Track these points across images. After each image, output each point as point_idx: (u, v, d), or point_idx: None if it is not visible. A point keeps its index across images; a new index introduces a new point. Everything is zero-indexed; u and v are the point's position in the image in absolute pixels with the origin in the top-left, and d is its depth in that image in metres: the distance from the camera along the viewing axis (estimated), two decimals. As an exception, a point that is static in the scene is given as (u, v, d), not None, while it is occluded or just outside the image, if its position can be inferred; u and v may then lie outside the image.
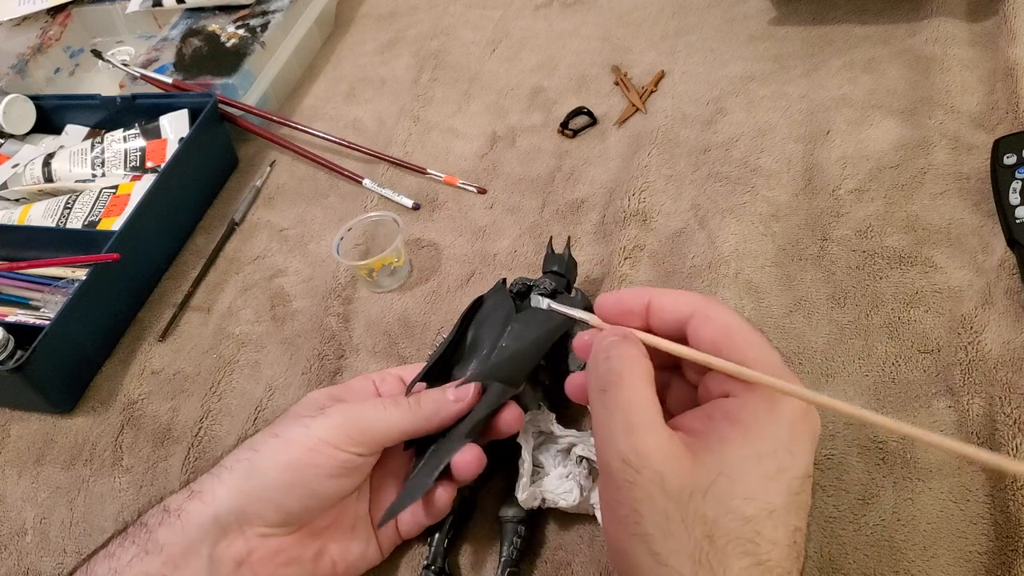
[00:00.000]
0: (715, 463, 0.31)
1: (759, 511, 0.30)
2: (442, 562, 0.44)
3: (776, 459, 0.31)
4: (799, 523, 0.31)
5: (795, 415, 0.32)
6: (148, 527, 0.39)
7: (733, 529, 0.30)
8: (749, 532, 0.30)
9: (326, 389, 0.45)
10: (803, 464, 0.32)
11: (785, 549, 0.30)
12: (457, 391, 0.42)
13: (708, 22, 0.76)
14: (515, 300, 0.49)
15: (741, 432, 0.31)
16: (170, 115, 0.73)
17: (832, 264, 0.54)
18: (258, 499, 0.38)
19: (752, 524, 0.30)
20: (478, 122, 0.74)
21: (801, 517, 0.31)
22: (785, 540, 0.30)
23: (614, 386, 0.33)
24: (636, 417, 0.32)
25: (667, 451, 0.31)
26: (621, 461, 0.32)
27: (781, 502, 0.31)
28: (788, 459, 0.31)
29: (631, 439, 0.32)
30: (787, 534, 0.30)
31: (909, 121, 0.61)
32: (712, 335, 0.34)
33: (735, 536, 0.30)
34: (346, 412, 0.41)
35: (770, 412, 0.32)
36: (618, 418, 0.33)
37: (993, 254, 0.51)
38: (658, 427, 0.32)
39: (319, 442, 0.39)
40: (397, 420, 0.41)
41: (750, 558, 0.30)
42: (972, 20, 0.67)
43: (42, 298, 0.63)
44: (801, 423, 0.32)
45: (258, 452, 0.40)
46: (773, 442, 0.31)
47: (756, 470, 0.31)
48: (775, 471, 0.31)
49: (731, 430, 0.32)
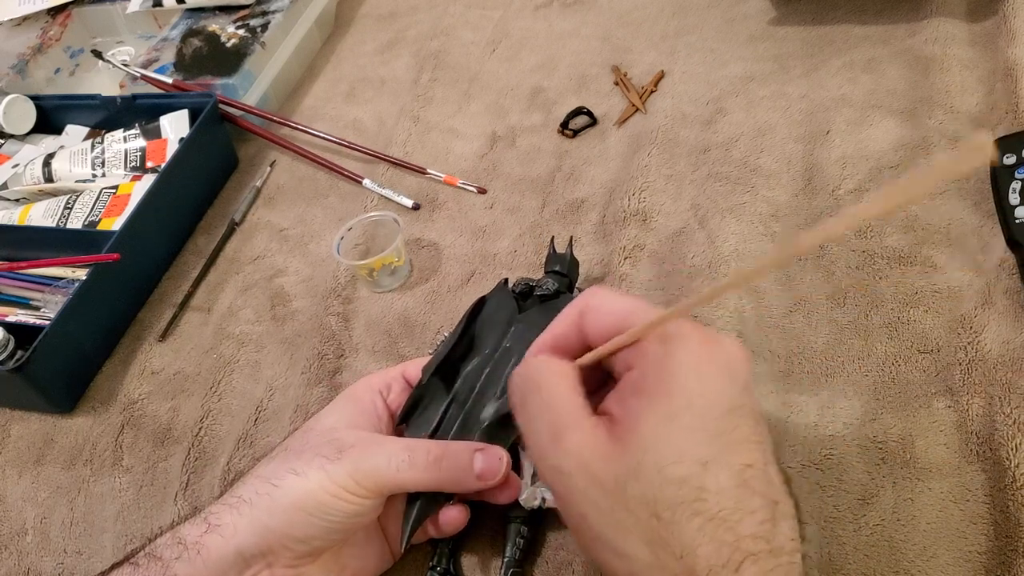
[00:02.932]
0: (635, 441, 0.30)
1: (692, 468, 0.29)
2: (447, 563, 0.44)
3: (686, 411, 0.30)
4: (746, 459, 0.30)
5: (693, 358, 0.31)
6: (164, 560, 0.38)
7: (673, 497, 0.29)
8: (690, 492, 0.29)
9: (339, 409, 0.44)
10: (721, 402, 0.31)
11: (735, 492, 0.29)
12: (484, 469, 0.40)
13: (708, 22, 0.76)
14: (517, 300, 0.49)
15: (647, 399, 0.31)
16: (170, 115, 0.73)
17: (832, 264, 0.54)
18: (283, 535, 0.38)
19: (690, 483, 0.29)
20: (478, 122, 0.74)
21: (747, 451, 0.30)
22: (732, 483, 0.29)
23: (531, 392, 0.33)
24: (558, 419, 0.32)
25: (592, 446, 0.31)
26: (554, 472, 0.32)
27: (712, 449, 0.30)
28: (701, 404, 0.30)
29: (556, 444, 0.32)
30: (732, 476, 0.30)
31: (909, 121, 0.61)
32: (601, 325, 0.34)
33: (678, 502, 0.29)
34: (364, 463, 0.39)
35: (666, 367, 0.31)
36: (541, 425, 0.32)
37: (993, 254, 0.51)
38: (580, 424, 0.32)
39: (339, 489, 0.38)
40: (415, 481, 0.40)
41: (700, 517, 0.29)
42: (972, 20, 0.67)
43: (42, 298, 0.63)
44: (706, 362, 0.31)
45: (278, 488, 0.39)
46: (680, 395, 0.30)
47: (672, 431, 0.30)
48: (690, 422, 0.30)
49: (639, 401, 0.31)
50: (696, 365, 0.31)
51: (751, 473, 0.30)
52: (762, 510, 0.30)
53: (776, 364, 0.49)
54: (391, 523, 0.43)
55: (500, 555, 0.44)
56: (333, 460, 0.39)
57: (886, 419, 0.45)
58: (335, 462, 0.39)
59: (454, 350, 0.46)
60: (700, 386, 0.31)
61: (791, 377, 0.49)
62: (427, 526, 0.43)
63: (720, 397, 0.31)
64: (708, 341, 0.32)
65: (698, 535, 0.29)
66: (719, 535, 0.29)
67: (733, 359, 0.32)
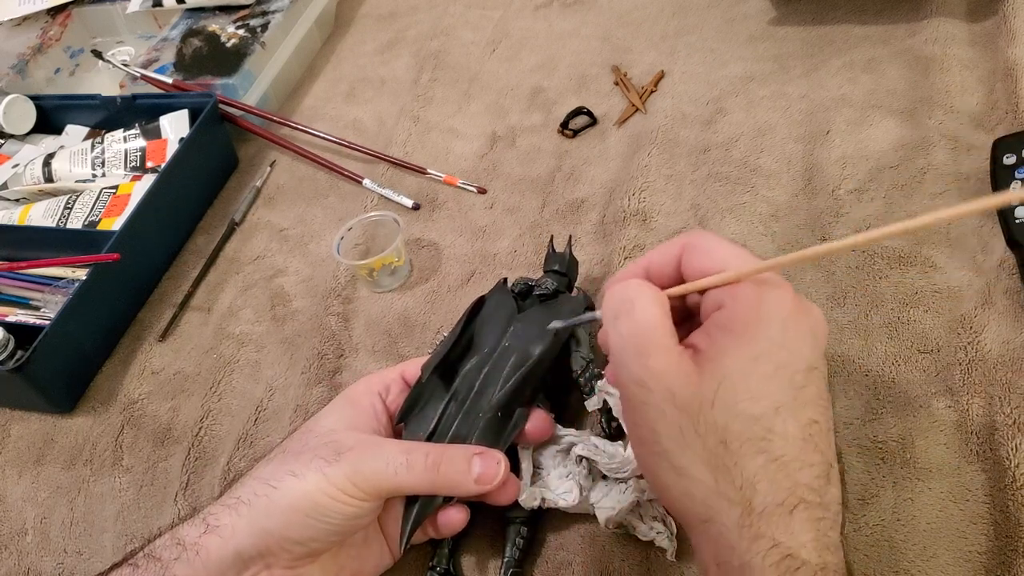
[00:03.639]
0: (717, 372, 0.32)
1: (766, 409, 0.31)
2: (447, 563, 0.44)
3: (771, 358, 0.32)
4: (813, 415, 0.32)
5: (784, 312, 0.33)
6: (163, 562, 0.38)
7: (743, 431, 0.31)
8: (759, 431, 0.31)
9: (338, 411, 0.44)
10: (802, 359, 0.32)
11: (799, 443, 0.31)
12: (482, 473, 0.40)
13: (708, 22, 0.76)
14: (517, 300, 0.49)
15: (735, 338, 0.32)
16: (170, 115, 0.73)
17: (832, 264, 0.54)
18: (281, 537, 0.38)
19: (761, 422, 0.31)
20: (478, 122, 0.74)
21: (815, 409, 0.32)
22: (798, 434, 0.31)
23: (625, 313, 0.34)
24: (646, 339, 0.33)
25: (675, 369, 0.32)
26: (634, 384, 0.33)
27: (786, 397, 0.31)
28: (784, 355, 0.32)
29: (641, 361, 0.33)
30: (799, 428, 0.31)
31: (909, 121, 0.61)
32: (698, 263, 0.35)
33: (747, 437, 0.31)
34: (362, 465, 0.39)
35: (758, 313, 0.32)
36: (630, 343, 0.34)
37: (993, 254, 0.51)
38: (668, 347, 0.33)
39: (337, 492, 0.38)
40: (413, 484, 0.40)
41: (764, 455, 0.31)
42: (972, 20, 0.67)
43: (42, 298, 0.63)
44: (793, 320, 0.33)
45: (277, 490, 0.39)
46: (766, 342, 0.32)
47: (755, 371, 0.32)
48: (773, 369, 0.32)
49: (725, 338, 0.33)
50: (786, 318, 0.32)
51: (815, 429, 0.32)
52: (819, 466, 0.31)
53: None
54: (390, 524, 0.43)
55: (500, 555, 0.44)
56: (331, 462, 0.39)
57: (886, 419, 0.45)
58: (333, 464, 0.39)
59: (453, 349, 0.46)
60: (786, 338, 0.32)
61: (791, 377, 0.49)
62: (427, 526, 0.43)
63: (802, 353, 0.32)
64: (799, 300, 0.33)
65: (760, 471, 0.30)
66: (778, 477, 0.30)
67: (818, 324, 0.34)
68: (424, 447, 0.41)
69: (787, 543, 0.30)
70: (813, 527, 0.30)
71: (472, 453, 0.41)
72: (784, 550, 0.30)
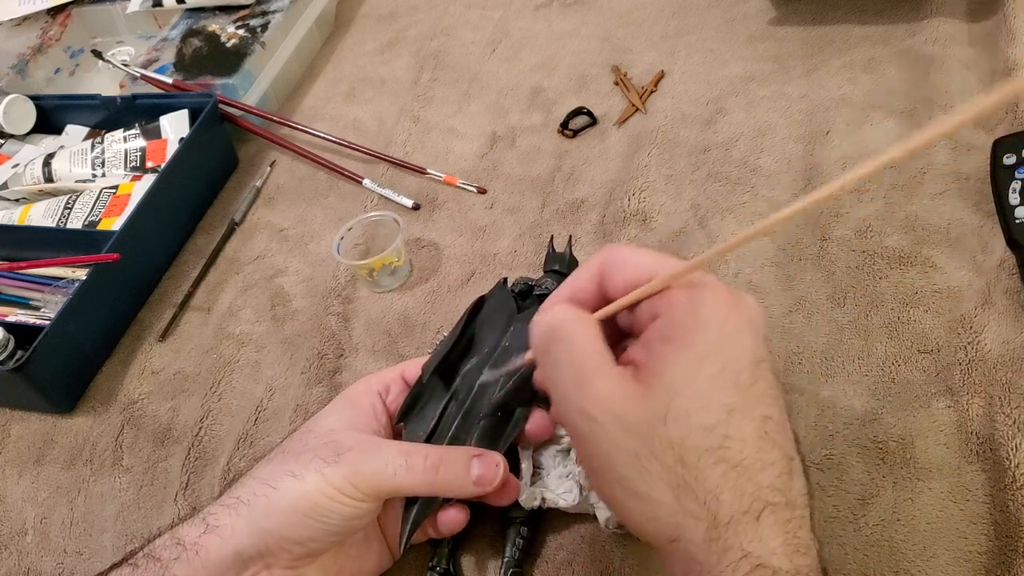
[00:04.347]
0: (664, 385, 0.31)
1: (719, 415, 0.30)
2: (447, 563, 0.44)
3: (716, 358, 0.31)
4: (766, 411, 0.31)
5: (722, 310, 0.32)
6: (162, 561, 0.38)
7: (700, 443, 0.30)
8: (715, 440, 0.30)
9: (338, 411, 0.44)
10: (746, 353, 0.31)
11: (756, 442, 0.30)
12: (481, 475, 0.40)
13: (708, 22, 0.76)
14: (517, 300, 0.49)
15: (677, 346, 0.31)
16: (170, 115, 0.73)
17: (832, 264, 0.54)
18: (281, 537, 0.38)
19: (716, 431, 0.30)
20: (478, 122, 0.74)
21: (767, 405, 0.31)
22: (754, 433, 0.30)
23: (556, 341, 0.33)
24: (582, 366, 0.32)
25: (619, 392, 0.31)
26: (578, 415, 0.32)
27: (737, 398, 0.30)
28: (728, 353, 0.31)
29: (581, 389, 0.32)
30: (754, 427, 0.30)
31: (909, 121, 0.61)
32: (622, 278, 0.34)
33: (704, 448, 0.30)
34: (362, 466, 0.39)
35: (692, 317, 0.31)
36: (566, 373, 0.33)
37: (993, 254, 0.51)
38: (606, 370, 0.32)
39: (336, 492, 0.38)
40: (412, 485, 0.40)
41: (724, 464, 0.30)
42: (972, 20, 0.67)
43: (42, 298, 0.63)
44: (729, 317, 0.32)
45: (276, 490, 0.39)
46: (705, 344, 0.31)
47: (699, 377, 0.30)
48: (719, 370, 0.31)
49: (667, 348, 0.31)
50: (723, 316, 0.31)
51: (770, 425, 0.31)
52: (780, 463, 0.30)
53: (776, 364, 0.49)
54: (390, 524, 0.43)
55: (500, 555, 0.44)
56: (330, 463, 0.39)
57: (886, 419, 0.45)
58: (332, 465, 0.39)
59: (453, 349, 0.46)
60: (726, 336, 0.31)
61: (791, 377, 0.49)
62: (426, 526, 0.43)
63: (745, 348, 0.31)
64: (731, 293, 0.32)
65: (722, 481, 0.29)
66: (741, 483, 0.30)
67: (754, 313, 0.33)
68: (424, 448, 0.41)
69: (757, 552, 0.29)
70: (782, 530, 0.30)
71: (471, 455, 0.41)
72: (754, 560, 0.29)
